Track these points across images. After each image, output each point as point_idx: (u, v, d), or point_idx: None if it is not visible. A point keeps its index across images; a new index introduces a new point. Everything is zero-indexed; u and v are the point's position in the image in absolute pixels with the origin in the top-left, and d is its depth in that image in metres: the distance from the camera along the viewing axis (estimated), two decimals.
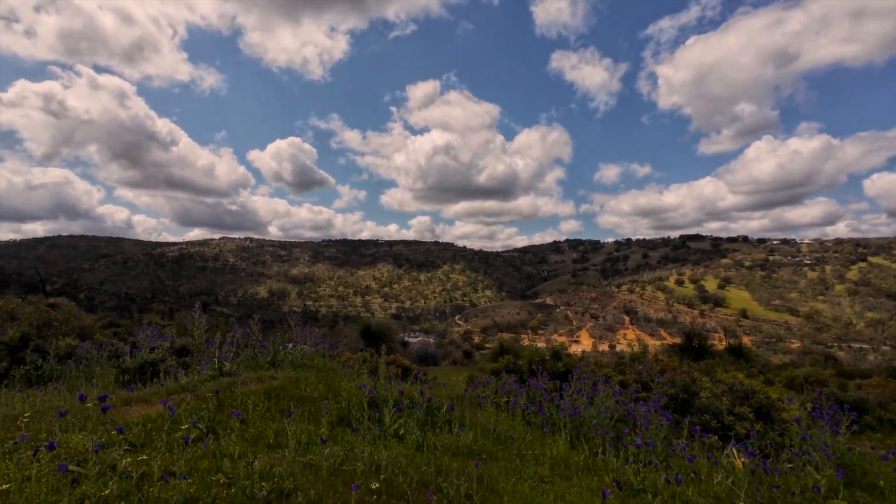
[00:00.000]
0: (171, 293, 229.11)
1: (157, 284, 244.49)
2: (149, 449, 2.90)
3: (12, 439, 2.86)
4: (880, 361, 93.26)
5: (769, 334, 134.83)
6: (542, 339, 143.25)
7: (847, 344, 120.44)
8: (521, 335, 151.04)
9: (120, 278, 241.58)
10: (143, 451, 2.86)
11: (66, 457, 2.68)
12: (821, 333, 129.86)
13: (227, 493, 2.37)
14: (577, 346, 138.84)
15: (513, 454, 3.81)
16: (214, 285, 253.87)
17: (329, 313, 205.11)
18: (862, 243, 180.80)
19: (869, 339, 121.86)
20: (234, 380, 4.60)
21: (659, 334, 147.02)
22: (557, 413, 4.91)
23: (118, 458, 2.67)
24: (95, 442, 2.69)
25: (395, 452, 3.28)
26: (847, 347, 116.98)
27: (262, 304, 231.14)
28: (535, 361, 7.17)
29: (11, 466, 2.46)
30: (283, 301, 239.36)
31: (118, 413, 3.56)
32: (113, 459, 2.68)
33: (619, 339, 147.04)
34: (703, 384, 6.27)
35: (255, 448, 3.20)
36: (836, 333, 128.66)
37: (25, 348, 7.15)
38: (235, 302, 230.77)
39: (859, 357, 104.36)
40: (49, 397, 4.72)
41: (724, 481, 3.83)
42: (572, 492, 3.14)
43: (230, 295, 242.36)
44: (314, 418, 4.02)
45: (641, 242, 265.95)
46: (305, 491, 2.42)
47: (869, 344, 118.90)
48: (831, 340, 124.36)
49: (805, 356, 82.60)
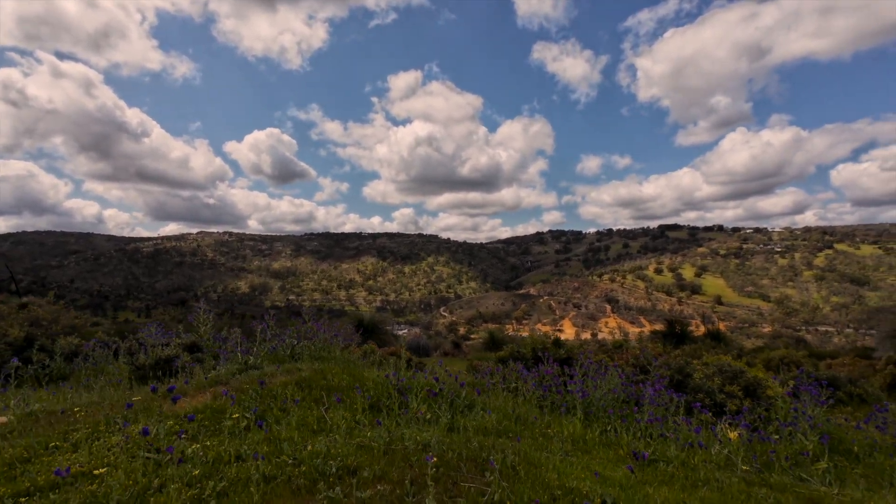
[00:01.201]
0: (148, 290, 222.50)
1: (132, 281, 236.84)
2: (209, 436, 3.09)
3: (80, 430, 3.01)
4: (844, 343, 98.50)
5: (742, 319, 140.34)
6: (525, 329, 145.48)
7: (814, 327, 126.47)
8: (506, 325, 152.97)
9: (91, 275, 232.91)
10: (205, 439, 3.05)
11: (136, 445, 2.85)
12: (790, 318, 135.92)
13: (299, 471, 2.60)
14: (561, 335, 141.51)
15: (535, 433, 4.13)
16: (193, 281, 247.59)
17: (313, 307, 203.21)
18: (828, 231, 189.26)
19: (834, 323, 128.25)
20: (263, 372, 4.78)
21: (639, 322, 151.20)
22: (568, 395, 5.27)
23: (186, 445, 2.86)
24: (167, 430, 2.88)
25: (433, 433, 3.55)
26: (814, 331, 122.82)
27: (243, 299, 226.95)
28: (538, 349, 7.55)
29: (96, 453, 2.63)
30: (265, 296, 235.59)
31: (166, 405, 3.71)
32: (182, 446, 2.86)
33: (601, 327, 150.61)
34: (696, 366, 6.75)
35: (302, 433, 3.42)
36: (804, 317, 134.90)
37: (29, 348, 7.09)
38: (216, 298, 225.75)
39: (825, 339, 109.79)
40: (78, 394, 4.81)
41: (722, 450, 4.25)
42: (595, 463, 3.48)
43: (210, 291, 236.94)
44: (346, 406, 4.25)
45: (622, 233, 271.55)
46: (369, 467, 2.66)
47: (834, 327, 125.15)
48: (799, 324, 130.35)
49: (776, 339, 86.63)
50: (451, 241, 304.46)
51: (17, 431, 3.11)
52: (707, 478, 3.32)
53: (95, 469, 2.42)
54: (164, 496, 2.15)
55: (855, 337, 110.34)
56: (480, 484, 2.50)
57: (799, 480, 3.52)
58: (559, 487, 2.62)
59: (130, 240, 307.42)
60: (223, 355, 6.00)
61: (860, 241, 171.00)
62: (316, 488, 2.40)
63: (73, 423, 3.17)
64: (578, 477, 2.92)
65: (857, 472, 4.09)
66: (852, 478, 3.76)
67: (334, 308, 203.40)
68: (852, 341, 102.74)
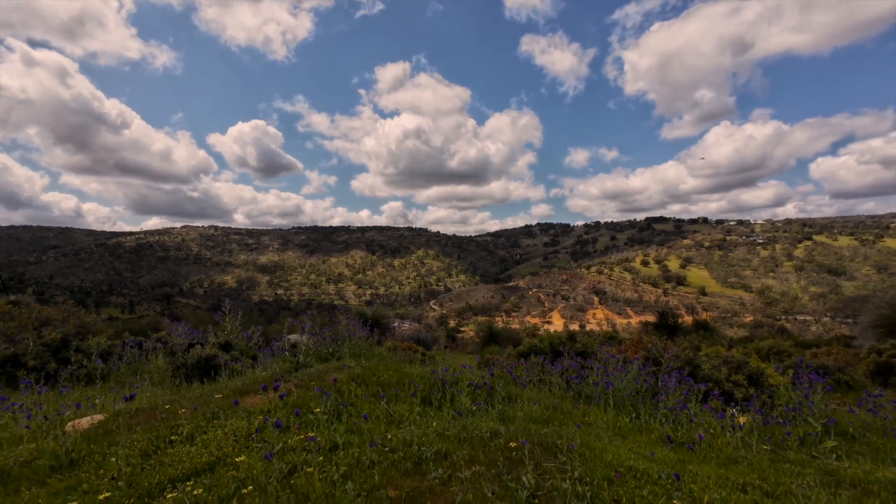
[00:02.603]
0: (131, 285, 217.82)
1: (115, 276, 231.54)
2: (300, 428, 3.43)
3: (184, 426, 3.32)
4: (822, 332, 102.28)
5: (725, 309, 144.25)
6: (515, 321, 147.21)
7: (793, 317, 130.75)
8: (496, 318, 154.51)
9: (71, 271, 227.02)
10: (293, 432, 3.39)
11: (244, 436, 3.18)
12: (771, 307, 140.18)
13: (397, 456, 2.97)
14: (550, 327, 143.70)
15: (575, 421, 4.57)
16: (177, 276, 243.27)
17: (302, 301, 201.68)
18: (808, 223, 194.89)
19: (812, 312, 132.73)
20: (318, 370, 5.12)
21: (626, 313, 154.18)
22: (593, 387, 5.73)
23: (288, 436, 3.20)
24: (260, 424, 3.22)
25: (492, 423, 3.95)
26: (793, 320, 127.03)
27: (230, 293, 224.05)
28: (555, 344, 8.01)
29: (213, 445, 2.96)
30: (253, 290, 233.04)
31: (243, 400, 4.03)
32: (275, 438, 3.21)
33: (588, 318, 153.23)
34: (702, 358, 7.29)
35: (378, 425, 3.79)
36: (784, 307, 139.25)
37: (64, 349, 7.26)
38: (202, 293, 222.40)
39: (804, 328, 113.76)
40: (143, 392, 5.07)
41: (736, 434, 4.75)
42: (634, 446, 3.93)
43: (196, 286, 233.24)
44: (402, 400, 4.62)
45: (609, 225, 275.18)
46: (456, 452, 3.05)
47: (812, 316, 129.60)
48: (780, 314, 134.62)
49: (758, 329, 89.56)
50: (440, 235, 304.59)
51: (124, 427, 3.41)
52: (735, 456, 3.80)
53: (227, 457, 2.76)
54: (302, 478, 2.50)
55: (832, 325, 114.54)
56: (558, 464, 2.91)
57: (811, 458, 4.03)
58: (619, 466, 3.05)
59: (112, 234, 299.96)
60: (264, 353, 6.30)
61: (838, 232, 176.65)
62: (421, 470, 2.78)
63: (174, 419, 3.48)
64: (629, 458, 3.35)
65: (856, 451, 4.63)
66: (855, 455, 4.29)
67: (323, 302, 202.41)
68: (829, 330, 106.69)
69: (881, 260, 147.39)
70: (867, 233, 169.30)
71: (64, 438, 3.02)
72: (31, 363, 6.51)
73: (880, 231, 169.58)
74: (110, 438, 3.18)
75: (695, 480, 2.93)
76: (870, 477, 3.26)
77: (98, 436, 3.23)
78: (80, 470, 2.73)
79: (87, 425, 3.53)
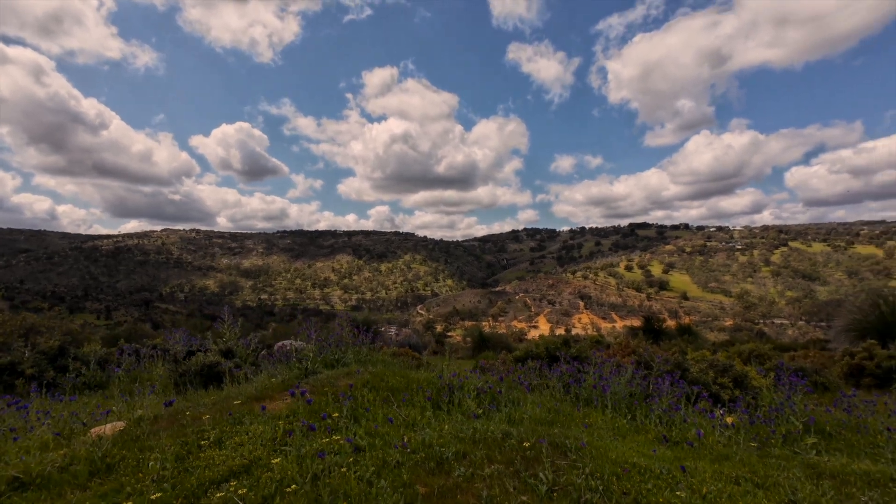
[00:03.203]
0: (108, 290, 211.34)
1: (90, 281, 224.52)
2: (326, 431, 3.59)
3: (209, 431, 3.45)
4: (797, 335, 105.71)
5: (706, 314, 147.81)
6: (502, 326, 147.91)
7: (770, 320, 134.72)
8: (483, 322, 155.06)
9: (44, 275, 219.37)
10: (319, 435, 3.55)
11: (269, 440, 3.33)
12: (749, 311, 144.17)
13: (419, 457, 3.16)
14: (536, 331, 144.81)
15: (577, 422, 4.82)
16: (157, 281, 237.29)
17: (286, 306, 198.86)
18: (784, 230, 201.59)
19: (788, 316, 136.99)
20: (327, 376, 5.26)
21: (611, 318, 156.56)
22: (591, 390, 6.01)
23: (302, 441, 3.36)
24: (284, 429, 3.37)
25: (501, 424, 4.17)
26: (770, 323, 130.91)
27: (212, 299, 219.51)
28: (551, 349, 8.29)
29: (243, 448, 3.10)
30: (236, 295, 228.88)
31: (256, 407, 4.16)
32: (300, 441, 3.36)
33: (574, 323, 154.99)
34: (690, 361, 7.66)
35: (394, 428, 3.96)
36: (762, 311, 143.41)
37: (61, 357, 7.20)
38: (182, 298, 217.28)
39: (781, 332, 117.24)
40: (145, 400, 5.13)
41: (725, 432, 5.08)
42: (634, 445, 4.20)
43: (176, 290, 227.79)
44: (412, 404, 4.80)
45: (594, 231, 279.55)
46: (473, 452, 3.25)
47: (788, 320, 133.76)
48: (758, 318, 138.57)
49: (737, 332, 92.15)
50: (427, 239, 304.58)
51: (148, 434, 3.51)
52: (726, 453, 4.10)
53: (259, 460, 2.91)
54: (336, 477, 2.67)
55: (807, 329, 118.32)
56: (569, 461, 3.14)
57: (793, 453, 4.35)
58: (624, 463, 3.29)
59: (88, 237, 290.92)
60: (271, 360, 6.40)
61: (812, 239, 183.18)
62: (444, 469, 2.97)
63: (196, 425, 3.60)
64: (632, 455, 3.61)
65: (833, 447, 4.99)
66: (833, 450, 4.64)
67: (308, 307, 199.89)
68: (804, 333, 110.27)
69: (852, 265, 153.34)
70: (839, 239, 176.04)
71: (99, 443, 3.12)
72: (29, 371, 6.45)
73: (851, 238, 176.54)
74: (139, 444, 3.29)
75: (693, 475, 3.19)
76: (847, 469, 3.59)
77: (126, 441, 3.33)
78: (118, 474, 2.85)
79: (110, 432, 3.62)
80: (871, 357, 10.58)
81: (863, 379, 10.47)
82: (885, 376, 9.96)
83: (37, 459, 2.93)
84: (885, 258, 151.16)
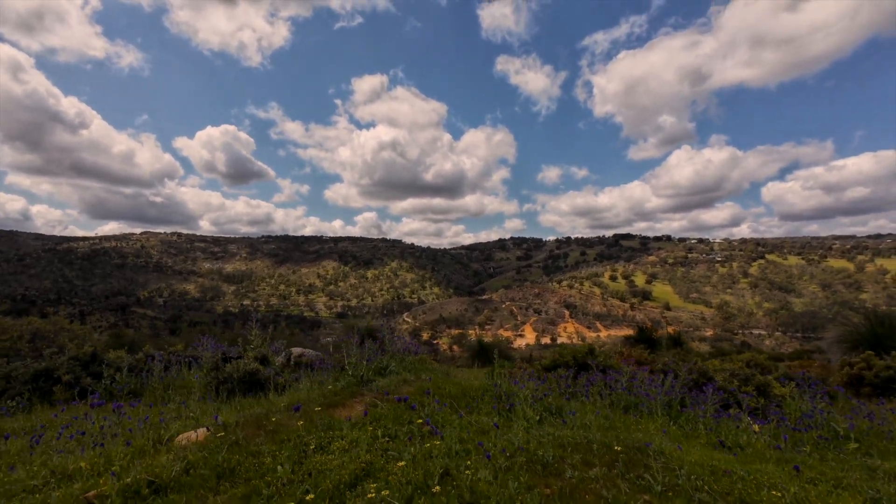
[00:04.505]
0: (82, 294, 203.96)
1: (64, 284, 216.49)
2: (437, 435, 3.71)
3: (307, 437, 3.54)
4: (774, 345, 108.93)
5: (688, 324, 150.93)
6: (489, 334, 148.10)
7: (749, 331, 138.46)
8: (469, 330, 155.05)
9: (15, 278, 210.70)
10: (426, 439, 3.66)
11: (365, 444, 3.44)
12: (729, 322, 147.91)
13: (521, 460, 3.31)
14: (522, 340, 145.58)
15: (629, 428, 5.03)
16: (135, 284, 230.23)
17: (270, 313, 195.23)
18: (761, 243, 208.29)
19: (766, 326, 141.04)
20: (385, 383, 5.36)
21: (596, 327, 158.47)
22: (629, 398, 6.25)
23: (405, 445, 3.48)
24: (373, 434, 3.49)
25: (568, 430, 4.35)
26: (749, 334, 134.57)
27: (192, 304, 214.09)
28: (579, 358, 8.53)
29: (350, 452, 3.21)
30: (218, 300, 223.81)
31: (334, 413, 4.25)
32: (403, 446, 3.48)
33: (559, 332, 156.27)
34: (712, 371, 8.00)
35: (469, 433, 4.10)
36: (741, 322, 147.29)
37: (93, 363, 7.08)
38: (161, 302, 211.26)
39: (759, 342, 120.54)
40: (207, 407, 5.14)
41: (761, 437, 5.36)
42: (695, 449, 4.43)
43: (155, 295, 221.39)
44: (476, 411, 4.94)
45: (580, 241, 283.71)
46: (571, 457, 3.43)
47: (765, 330, 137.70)
48: (737, 328, 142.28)
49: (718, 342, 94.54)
50: (414, 247, 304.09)
51: (242, 439, 3.58)
52: (786, 456, 4.36)
53: (373, 463, 3.02)
54: (465, 478, 2.80)
55: (783, 339, 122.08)
56: (660, 464, 3.34)
57: (842, 457, 4.65)
58: (703, 465, 3.51)
59: (63, 239, 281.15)
60: (320, 368, 6.44)
61: (787, 252, 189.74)
62: (553, 471, 3.14)
63: (286, 432, 3.68)
64: (703, 458, 3.83)
65: (862, 452, 5.32)
66: (865, 455, 4.96)
67: (293, 314, 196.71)
68: (781, 343, 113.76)
69: (825, 278, 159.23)
70: (813, 253, 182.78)
71: (220, 447, 3.18)
72: (66, 378, 6.33)
73: (824, 252, 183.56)
74: (243, 449, 3.36)
75: (771, 476, 3.43)
76: None
77: (230, 446, 3.39)
78: (241, 477, 2.93)
79: (202, 437, 3.68)
80: (870, 367, 11.15)
81: (862, 388, 11.03)
82: (884, 385, 10.53)
83: (159, 463, 2.99)
84: (855, 272, 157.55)
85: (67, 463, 3.19)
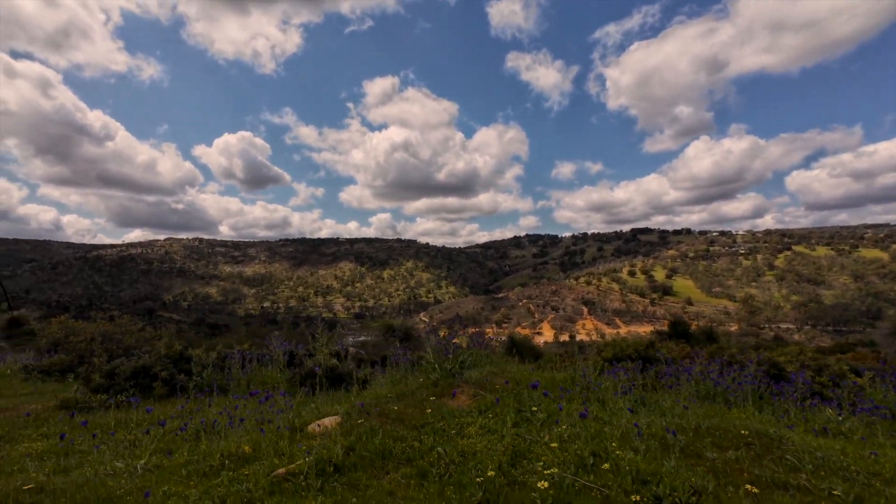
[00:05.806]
0: (112, 299, 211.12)
1: (94, 290, 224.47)
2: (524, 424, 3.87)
3: (430, 424, 3.73)
4: (805, 340, 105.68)
5: (711, 318, 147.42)
6: (505, 332, 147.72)
7: (776, 325, 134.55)
8: (485, 328, 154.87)
9: (49, 285, 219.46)
10: (554, 426, 3.82)
11: (498, 430, 3.61)
12: (754, 316, 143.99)
13: (656, 442, 3.43)
14: (540, 338, 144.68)
15: (725, 417, 5.09)
16: (160, 289, 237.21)
17: (289, 314, 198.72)
18: (787, 234, 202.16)
19: (794, 320, 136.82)
20: (474, 375, 5.54)
21: (615, 323, 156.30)
22: (716, 388, 6.30)
23: (538, 431, 3.64)
24: (516, 420, 3.65)
25: (674, 418, 4.45)
26: (776, 328, 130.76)
27: (214, 307, 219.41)
28: (640, 351, 8.58)
29: (488, 438, 3.38)
30: (239, 303, 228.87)
31: (448, 403, 4.44)
32: (536, 432, 3.64)
33: (578, 329, 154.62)
34: (783, 361, 7.94)
35: (587, 421, 4.23)
36: (767, 316, 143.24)
37: (181, 360, 7.47)
38: (186, 306, 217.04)
39: (787, 336, 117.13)
40: (323, 401, 5.40)
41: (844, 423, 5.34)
42: (797, 434, 4.47)
43: (179, 299, 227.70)
44: (572, 399, 5.08)
45: (596, 236, 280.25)
46: (700, 441, 3.53)
47: (794, 324, 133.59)
48: (763, 322, 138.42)
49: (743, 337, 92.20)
50: (429, 246, 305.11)
51: (378, 427, 3.79)
52: (892, 442, 4.37)
53: (518, 447, 3.19)
54: (608, 458, 2.95)
55: (814, 333, 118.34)
56: (787, 448, 3.42)
57: None
58: (806, 450, 3.57)
59: (92, 247, 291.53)
60: (402, 361, 6.67)
61: (815, 242, 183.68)
62: (693, 452, 3.25)
63: (419, 419, 3.88)
64: (817, 445, 3.88)
65: None
66: None
67: (312, 315, 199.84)
68: (811, 338, 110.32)
69: (858, 269, 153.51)
70: (843, 243, 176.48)
71: (365, 433, 3.40)
72: (163, 374, 6.71)
73: (855, 241, 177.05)
74: (387, 434, 3.57)
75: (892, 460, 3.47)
76: None
77: (366, 432, 3.61)
78: (401, 458, 3.13)
79: (335, 424, 3.90)
80: None
81: None
82: None
83: (324, 446, 3.21)
84: (890, 261, 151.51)
85: (230, 446, 3.45)
